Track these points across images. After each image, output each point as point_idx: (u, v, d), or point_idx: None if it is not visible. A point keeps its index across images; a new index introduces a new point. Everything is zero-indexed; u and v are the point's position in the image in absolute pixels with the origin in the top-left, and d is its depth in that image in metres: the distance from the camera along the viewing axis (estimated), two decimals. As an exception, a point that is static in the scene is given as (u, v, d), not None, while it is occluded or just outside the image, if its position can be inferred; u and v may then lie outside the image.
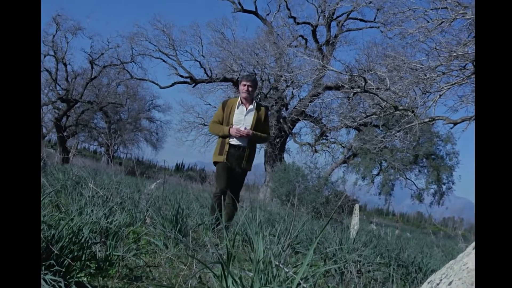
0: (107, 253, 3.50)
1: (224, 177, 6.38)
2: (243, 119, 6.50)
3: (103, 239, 3.88)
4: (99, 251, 3.57)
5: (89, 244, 3.31)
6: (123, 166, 25.70)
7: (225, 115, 6.55)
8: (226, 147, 6.44)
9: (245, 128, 6.40)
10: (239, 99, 6.59)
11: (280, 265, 3.00)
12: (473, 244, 2.05)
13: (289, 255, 4.44)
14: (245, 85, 6.54)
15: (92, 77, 32.65)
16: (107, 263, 3.47)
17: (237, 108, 6.54)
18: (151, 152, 46.49)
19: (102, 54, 32.69)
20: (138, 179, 8.88)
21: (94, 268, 3.36)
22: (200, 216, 6.20)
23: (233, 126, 6.43)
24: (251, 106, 6.58)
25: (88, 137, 44.04)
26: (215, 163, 6.56)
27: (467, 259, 1.98)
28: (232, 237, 4.65)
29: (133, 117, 43.38)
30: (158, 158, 53.96)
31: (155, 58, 30.70)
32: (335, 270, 4.56)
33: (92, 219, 3.84)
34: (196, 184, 17.89)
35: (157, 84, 32.41)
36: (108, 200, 5.45)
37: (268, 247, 3.28)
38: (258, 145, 6.31)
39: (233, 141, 6.47)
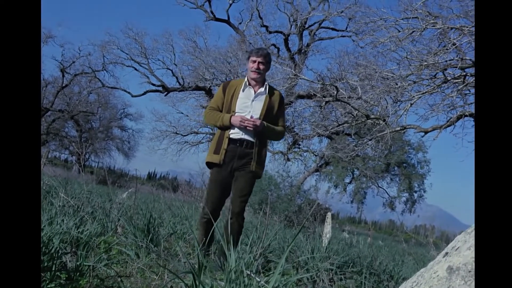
0: (78, 263, 3.46)
1: (216, 192, 4.80)
2: (249, 105, 4.81)
3: (73, 249, 3.84)
4: (69, 261, 3.53)
5: (59, 254, 3.28)
6: (94, 175, 25.46)
7: (226, 100, 4.88)
8: (225, 143, 4.74)
9: (252, 117, 4.72)
10: (246, 79, 4.91)
11: (252, 274, 3.00)
12: (443, 252, 2.07)
13: (261, 264, 4.43)
14: (255, 61, 4.87)
15: (63, 85, 32.49)
16: (78, 273, 3.42)
17: (242, 90, 4.86)
18: (123, 161, 46.36)
19: (73, 62, 32.58)
20: (109, 188, 8.82)
21: (64, 278, 3.32)
22: (172, 226, 6.17)
23: (236, 114, 4.76)
24: (261, 89, 4.90)
25: (59, 146, 43.69)
26: (209, 164, 4.88)
27: (437, 267, 2.00)
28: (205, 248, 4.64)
29: (104, 126, 43.26)
30: (130, 167, 53.51)
31: (127, 66, 30.70)
32: (308, 279, 4.58)
33: (63, 229, 3.81)
34: (168, 193, 17.82)
35: (129, 93, 32.43)
36: (79, 209, 5.39)
37: (240, 256, 3.27)
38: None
39: (235, 135, 4.74)
